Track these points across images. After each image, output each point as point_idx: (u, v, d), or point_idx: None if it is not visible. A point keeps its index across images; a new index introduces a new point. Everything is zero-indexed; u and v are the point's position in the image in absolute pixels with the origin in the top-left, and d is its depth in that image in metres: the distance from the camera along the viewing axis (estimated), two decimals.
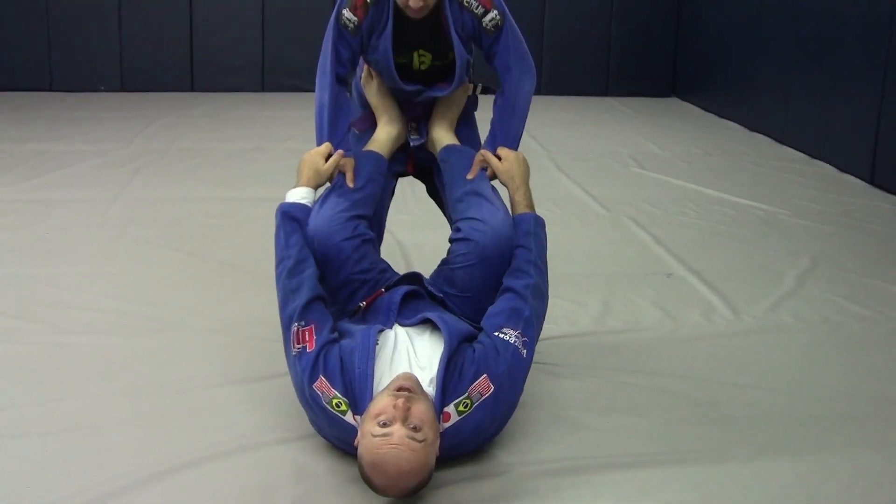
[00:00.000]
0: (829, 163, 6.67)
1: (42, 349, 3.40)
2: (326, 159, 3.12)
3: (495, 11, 3.08)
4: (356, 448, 2.47)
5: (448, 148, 3.24)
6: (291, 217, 2.97)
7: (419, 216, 4.86)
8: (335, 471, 2.63)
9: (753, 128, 7.99)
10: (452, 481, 2.59)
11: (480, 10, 3.06)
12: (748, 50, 8.16)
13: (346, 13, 3.06)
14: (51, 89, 9.08)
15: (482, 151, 3.22)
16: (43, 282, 4.04)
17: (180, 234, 4.80)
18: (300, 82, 9.25)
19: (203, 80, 9.34)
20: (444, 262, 3.08)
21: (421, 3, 2.95)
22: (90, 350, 3.41)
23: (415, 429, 2.38)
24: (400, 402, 2.40)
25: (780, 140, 7.48)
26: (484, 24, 3.08)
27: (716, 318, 3.86)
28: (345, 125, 3.20)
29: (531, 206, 3.13)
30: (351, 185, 3.08)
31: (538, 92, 3.32)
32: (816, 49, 6.97)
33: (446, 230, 3.36)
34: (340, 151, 3.13)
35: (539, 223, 3.08)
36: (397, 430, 2.37)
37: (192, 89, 9.32)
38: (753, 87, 8.06)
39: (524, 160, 3.21)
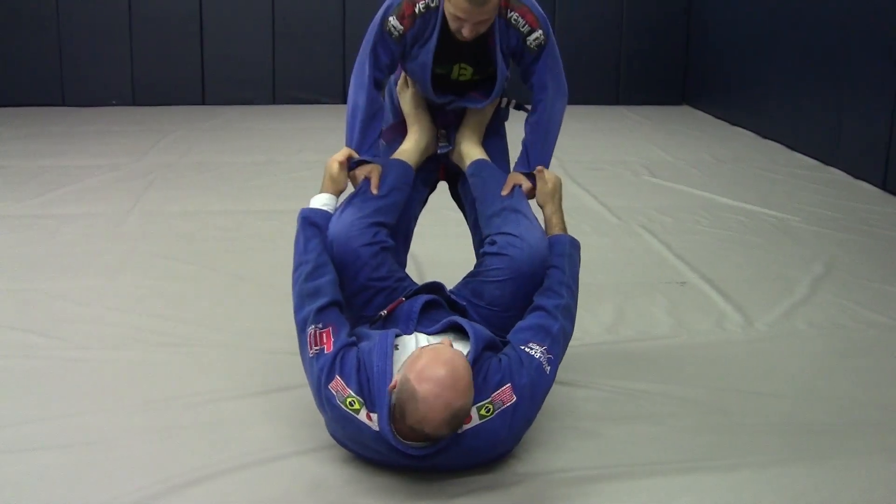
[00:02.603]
0: (841, 169, 6.65)
1: (56, 364, 3.41)
2: (344, 165, 3.13)
3: (540, 31, 3.08)
4: (375, 433, 2.53)
5: (477, 163, 3.25)
6: (312, 222, 2.98)
7: (431, 227, 4.85)
8: (352, 481, 2.63)
9: (765, 135, 7.98)
10: (467, 492, 2.59)
11: (526, 29, 3.07)
12: (759, 57, 8.15)
13: (393, 20, 3.05)
14: (63, 104, 9.12)
15: (517, 173, 3.23)
16: (57, 296, 4.05)
17: (193, 247, 4.81)
18: (311, 95, 9.30)
19: (214, 93, 9.37)
20: (473, 274, 3.07)
21: (473, 33, 2.96)
22: (104, 364, 3.42)
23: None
24: (445, 341, 2.59)
25: (792, 147, 7.46)
26: (528, 43, 3.08)
27: (729, 325, 3.86)
28: (376, 132, 3.18)
29: (566, 228, 3.15)
30: (375, 191, 3.09)
31: None
32: (827, 55, 6.96)
33: (459, 241, 3.37)
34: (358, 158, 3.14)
35: (575, 246, 3.10)
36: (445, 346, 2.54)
37: (204, 103, 9.35)
38: (765, 94, 8.05)
39: (560, 182, 3.22)
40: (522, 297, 2.95)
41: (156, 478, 2.64)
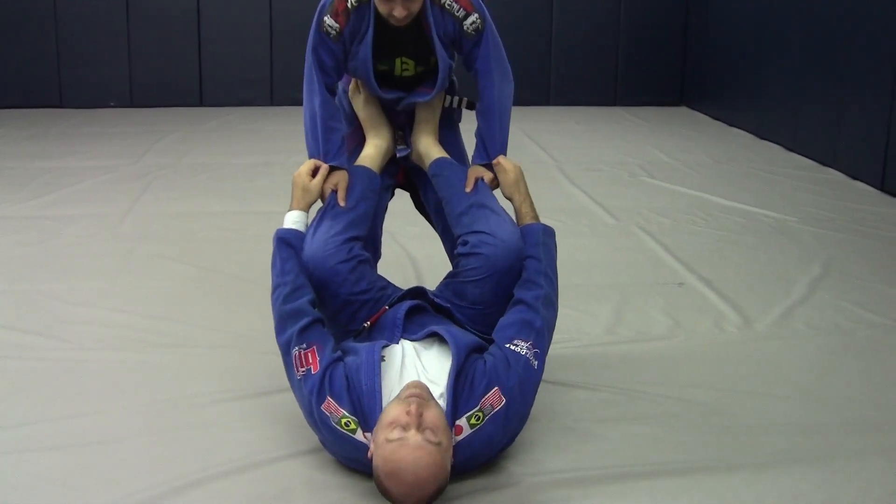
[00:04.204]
0: (839, 170, 6.66)
1: (55, 365, 3.41)
2: (314, 174, 3.12)
3: (476, 15, 3.06)
4: (370, 461, 2.45)
5: (438, 162, 3.24)
6: (287, 243, 2.97)
7: (429, 228, 4.85)
8: (346, 485, 2.63)
9: (763, 136, 7.99)
10: (464, 493, 2.58)
11: (462, 14, 3.04)
12: (757, 58, 8.16)
13: (328, 20, 3.04)
14: (61, 106, 9.13)
15: (476, 166, 3.21)
16: (56, 298, 4.06)
17: (191, 248, 4.81)
18: None
19: (212, 94, 9.38)
20: (452, 276, 3.07)
21: (405, 13, 2.94)
22: (103, 366, 3.42)
23: (429, 432, 2.37)
24: (413, 407, 2.39)
25: (790, 147, 7.47)
26: (465, 28, 3.06)
27: (727, 326, 3.86)
28: (339, 137, 3.17)
29: (537, 216, 3.14)
30: (342, 203, 3.08)
31: (547, 102, 3.32)
32: (826, 56, 6.97)
33: None
34: (326, 167, 3.12)
35: (548, 233, 3.08)
36: (412, 435, 2.35)
37: (202, 104, 9.36)
38: (763, 94, 8.06)
39: (521, 169, 3.21)
40: (504, 292, 2.94)
41: (155, 480, 2.64)
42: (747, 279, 4.44)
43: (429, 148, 3.28)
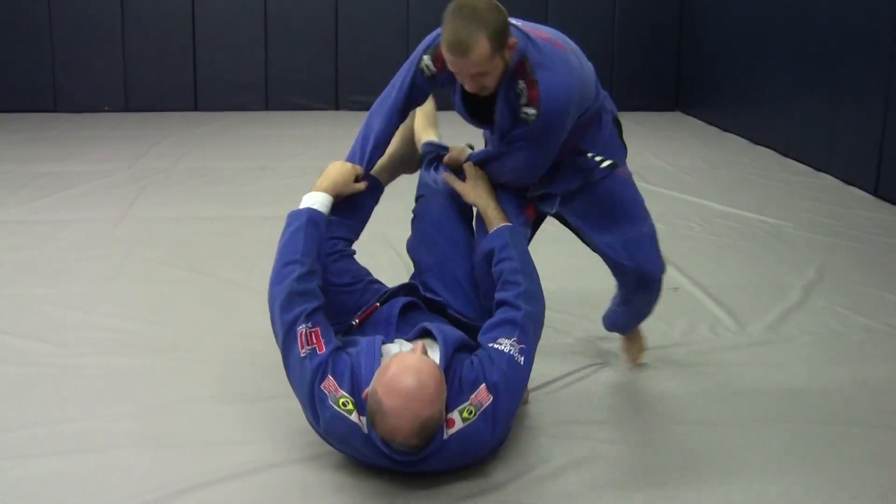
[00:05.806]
0: (833, 175, 6.67)
1: (50, 370, 3.41)
2: (356, 180, 3.12)
3: (534, 111, 2.90)
4: (365, 436, 2.54)
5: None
6: (315, 224, 2.96)
7: None
8: (344, 488, 2.63)
9: (758, 141, 8.00)
10: (463, 497, 2.59)
11: (523, 101, 2.91)
12: (752, 63, 8.17)
13: (427, 59, 3.02)
14: (55, 110, 9.12)
15: (445, 175, 3.22)
16: (50, 302, 4.05)
17: (186, 253, 4.81)
18: (304, 100, 9.29)
19: (207, 99, 9.38)
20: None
21: (475, 88, 2.88)
22: (97, 371, 3.41)
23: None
24: (417, 347, 2.60)
25: (785, 153, 7.48)
26: (520, 113, 2.93)
27: (722, 331, 3.86)
28: (375, 161, 3.17)
29: (504, 217, 3.09)
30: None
31: None
32: (820, 62, 6.98)
33: None
34: (364, 185, 3.14)
35: (514, 232, 3.05)
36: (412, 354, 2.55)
37: (196, 108, 9.36)
38: (757, 100, 8.07)
39: (482, 174, 3.17)
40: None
41: (149, 485, 2.64)
42: (742, 284, 4.44)
43: (420, 132, 3.39)
